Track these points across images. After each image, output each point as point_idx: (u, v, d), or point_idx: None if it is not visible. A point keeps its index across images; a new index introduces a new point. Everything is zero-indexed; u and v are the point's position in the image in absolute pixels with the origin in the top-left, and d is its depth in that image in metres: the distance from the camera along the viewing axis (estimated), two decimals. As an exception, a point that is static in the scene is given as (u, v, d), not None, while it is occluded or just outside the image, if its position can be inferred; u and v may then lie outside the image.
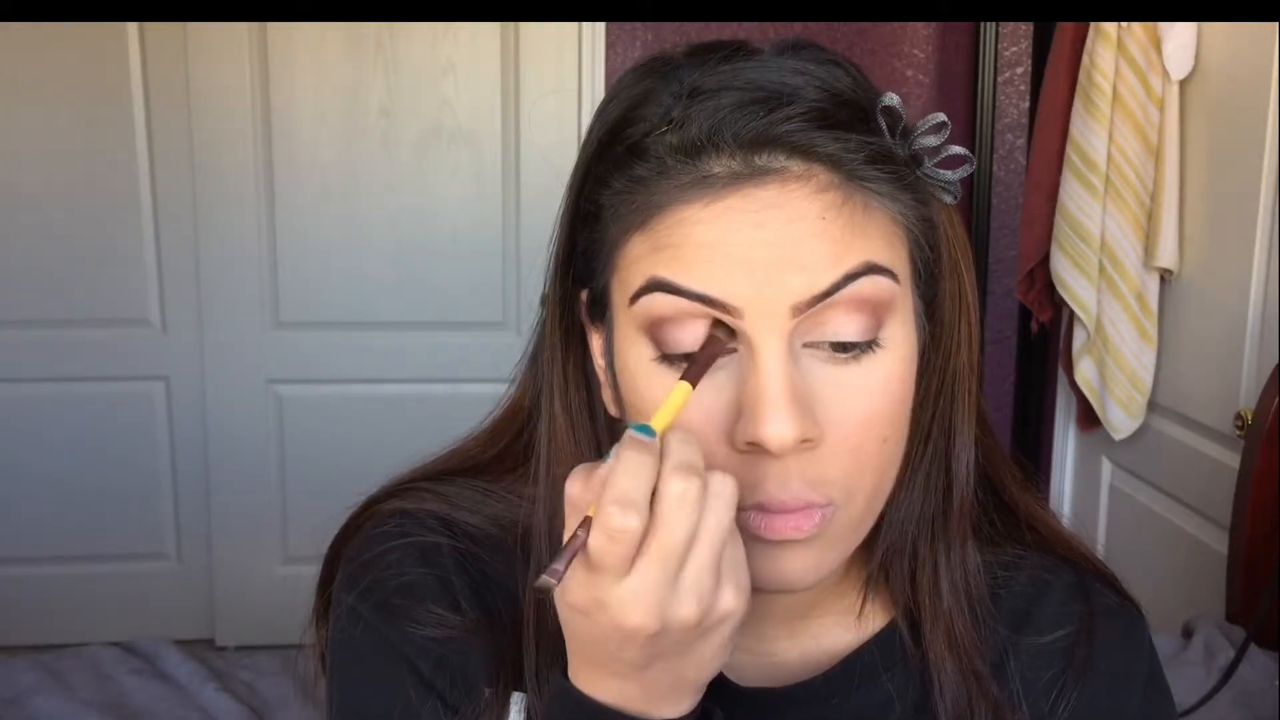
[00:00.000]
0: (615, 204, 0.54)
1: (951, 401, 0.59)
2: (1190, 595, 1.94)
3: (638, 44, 2.56)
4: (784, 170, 0.51)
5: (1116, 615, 0.65)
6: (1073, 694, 0.62)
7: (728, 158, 0.51)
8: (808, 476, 0.52)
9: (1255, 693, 1.43)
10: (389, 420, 2.62)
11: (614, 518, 0.46)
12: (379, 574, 0.63)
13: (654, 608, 0.47)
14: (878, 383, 0.53)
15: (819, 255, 0.51)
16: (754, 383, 0.51)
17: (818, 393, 0.52)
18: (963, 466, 0.60)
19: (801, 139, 0.51)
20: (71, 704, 1.31)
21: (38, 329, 2.61)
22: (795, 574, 0.54)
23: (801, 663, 0.64)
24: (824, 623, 0.64)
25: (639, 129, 0.54)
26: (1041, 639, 0.64)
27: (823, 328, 0.52)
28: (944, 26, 2.58)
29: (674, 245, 0.52)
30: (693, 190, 0.52)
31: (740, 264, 0.51)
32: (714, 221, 0.51)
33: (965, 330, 0.59)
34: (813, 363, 0.52)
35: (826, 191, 0.52)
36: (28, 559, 2.70)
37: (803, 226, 0.51)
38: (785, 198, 0.51)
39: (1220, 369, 1.91)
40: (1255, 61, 1.82)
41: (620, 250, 0.54)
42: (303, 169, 2.56)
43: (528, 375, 0.65)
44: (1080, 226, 2.07)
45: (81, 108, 2.53)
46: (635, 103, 0.55)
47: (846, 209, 0.52)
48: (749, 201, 0.51)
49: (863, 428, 0.53)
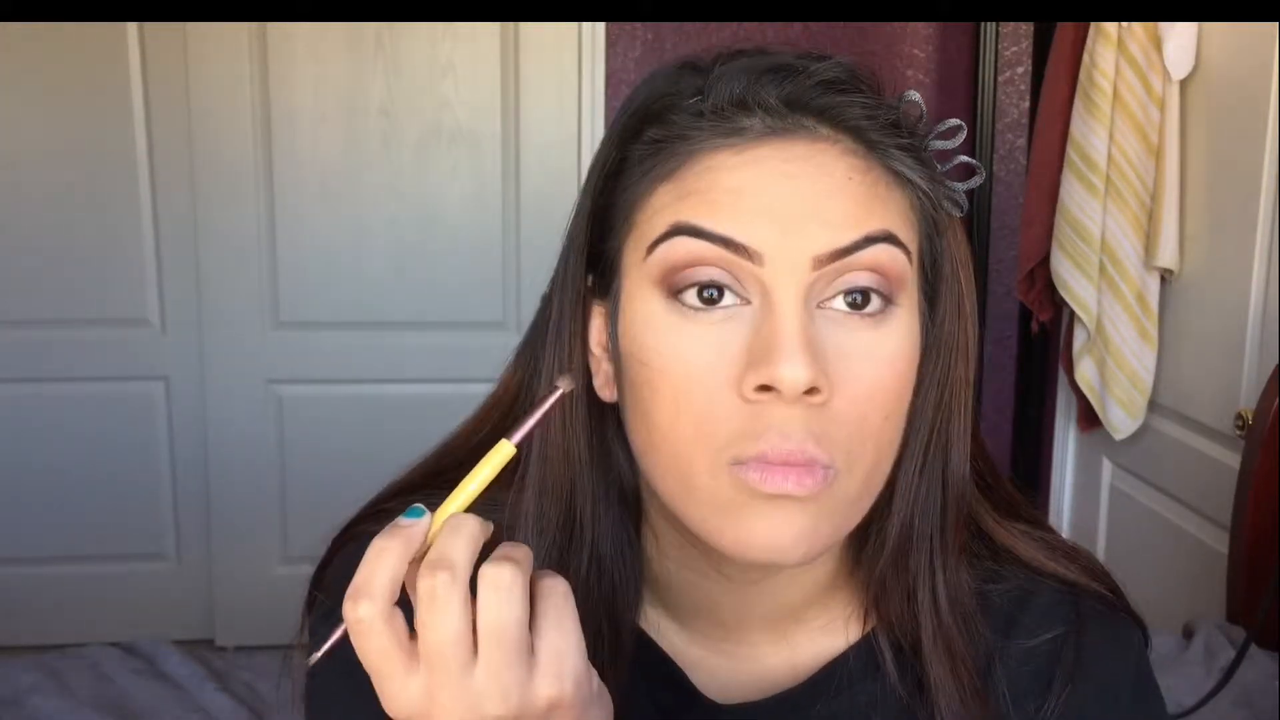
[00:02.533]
0: (642, 167, 0.55)
1: (949, 415, 0.59)
2: (1190, 595, 1.94)
3: (638, 44, 2.56)
4: (814, 130, 0.54)
5: (1104, 618, 0.65)
6: (1060, 697, 0.62)
7: (761, 114, 0.54)
8: (813, 430, 0.51)
9: (1256, 693, 1.43)
10: (389, 420, 2.62)
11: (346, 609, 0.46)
12: None
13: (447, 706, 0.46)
14: (885, 353, 0.54)
15: (843, 212, 0.52)
16: (769, 327, 0.51)
17: (829, 350, 0.52)
18: (959, 482, 0.60)
19: (829, 102, 0.54)
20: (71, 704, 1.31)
21: (38, 329, 2.61)
22: (788, 538, 0.52)
23: (787, 670, 0.63)
24: (809, 629, 0.63)
25: (670, 99, 0.56)
26: (1028, 642, 0.63)
27: (839, 283, 0.53)
28: (944, 26, 2.58)
29: (701, 191, 0.53)
30: (724, 139, 0.53)
31: (767, 211, 0.52)
32: (744, 168, 0.53)
33: (964, 343, 0.59)
34: (828, 324, 0.53)
35: (852, 156, 0.54)
36: (28, 559, 2.70)
37: (829, 183, 0.53)
38: (813, 152, 0.53)
39: (1220, 369, 1.91)
40: (1255, 61, 1.82)
41: (643, 202, 0.55)
42: (303, 169, 2.56)
43: (522, 358, 0.64)
44: (1080, 226, 2.07)
45: (81, 108, 2.52)
46: (665, 87, 0.57)
47: (870, 176, 0.54)
48: (779, 152, 0.53)
49: (868, 396, 0.53)
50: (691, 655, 0.63)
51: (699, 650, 0.63)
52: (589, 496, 0.59)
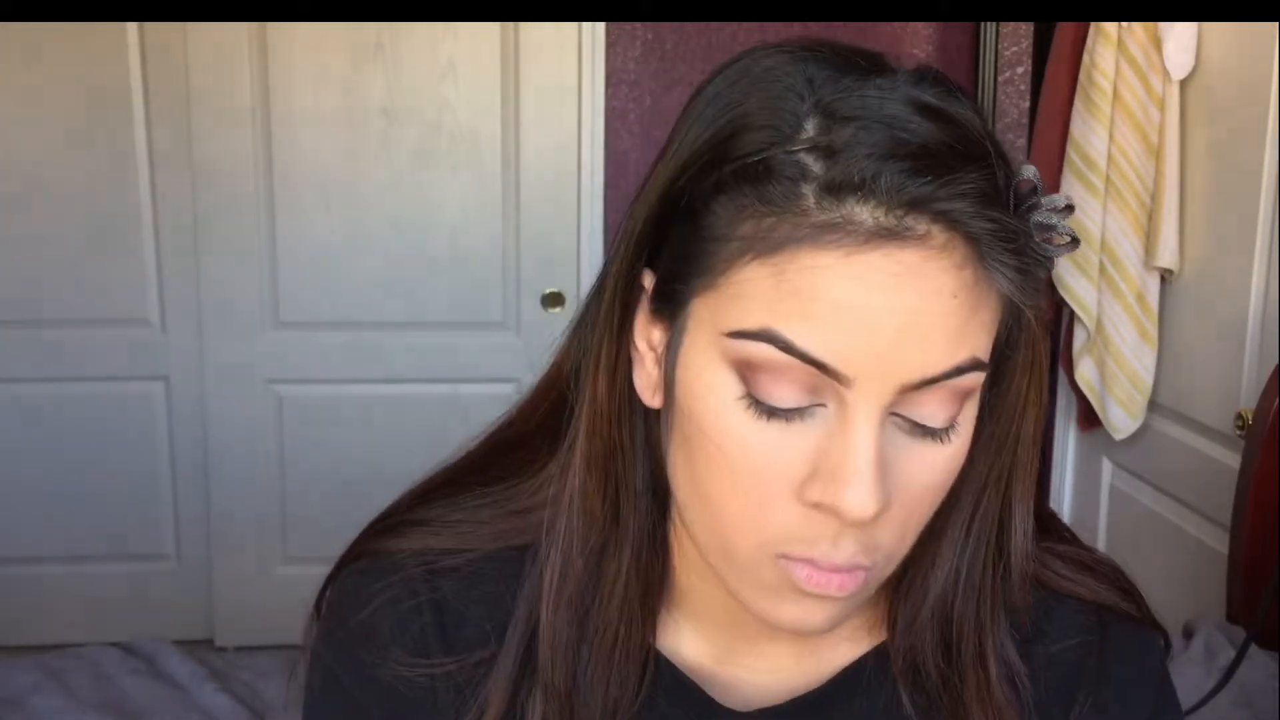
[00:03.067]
0: (732, 217, 0.49)
1: (1012, 468, 0.58)
2: (1190, 595, 1.94)
3: (638, 44, 2.56)
4: (927, 235, 0.47)
5: (1127, 625, 0.64)
6: (1085, 704, 0.62)
7: (875, 209, 0.47)
8: (863, 541, 0.51)
9: (1255, 693, 1.43)
10: (389, 420, 2.62)
11: None
12: (354, 636, 0.62)
13: None
14: (944, 461, 0.52)
15: (942, 338, 0.48)
16: (842, 446, 0.49)
17: (891, 464, 0.51)
18: (1019, 534, 0.59)
19: (959, 214, 0.47)
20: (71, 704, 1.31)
21: (38, 329, 2.61)
22: (819, 624, 0.54)
23: (806, 680, 0.63)
24: (830, 640, 0.63)
25: (765, 135, 0.49)
26: (1052, 648, 0.63)
27: (915, 407, 0.50)
28: (944, 26, 2.58)
29: (802, 295, 0.47)
30: (832, 236, 0.47)
31: (868, 330, 0.47)
32: (852, 278, 0.47)
33: (1034, 398, 0.57)
34: (895, 432, 0.51)
35: (964, 269, 0.48)
36: (28, 559, 2.70)
37: (937, 302, 0.48)
38: (927, 266, 0.47)
39: (1220, 369, 1.91)
40: (1255, 61, 1.82)
41: (730, 270, 0.49)
42: (303, 169, 2.56)
43: (571, 342, 0.61)
44: (1080, 226, 2.07)
45: (81, 108, 2.53)
46: (761, 100, 0.50)
47: (976, 290, 0.49)
48: (891, 262, 0.47)
49: (920, 500, 0.52)
50: (711, 664, 0.63)
51: (719, 659, 0.63)
52: (631, 493, 0.59)
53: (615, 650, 0.59)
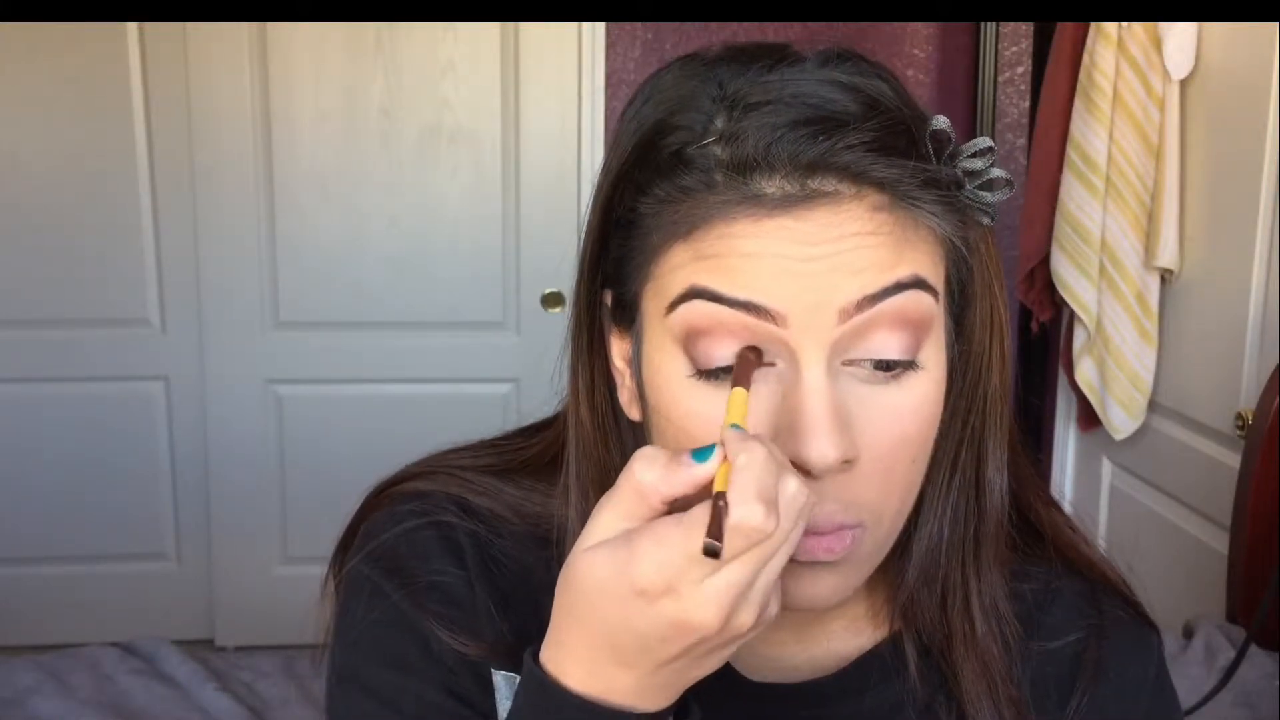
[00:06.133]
0: (656, 211, 0.52)
1: (983, 425, 0.59)
2: (1190, 595, 1.94)
3: (638, 44, 2.56)
4: (836, 193, 0.50)
5: (1127, 623, 0.65)
6: (1082, 699, 0.62)
7: (781, 179, 0.50)
8: (841, 498, 0.52)
9: (1255, 693, 1.43)
10: (389, 420, 2.62)
11: (754, 516, 0.44)
12: (397, 550, 0.62)
13: (726, 609, 0.45)
14: (912, 405, 0.53)
15: (871, 261, 0.50)
16: (796, 400, 0.50)
17: (854, 413, 0.51)
18: (995, 492, 0.59)
19: (858, 166, 0.50)
20: (71, 704, 1.31)
21: (38, 329, 2.61)
22: (821, 597, 0.54)
23: (809, 667, 0.63)
24: (831, 629, 0.64)
25: (680, 136, 0.52)
26: (1050, 644, 0.63)
27: (865, 344, 0.51)
28: (944, 26, 2.58)
29: (718, 255, 0.50)
30: (741, 208, 0.50)
31: (787, 272, 0.49)
32: (762, 237, 0.50)
33: (998, 352, 0.58)
34: (851, 382, 0.51)
35: (879, 211, 0.50)
36: (28, 559, 2.70)
37: (854, 240, 0.50)
38: (837, 219, 0.50)
39: (1220, 369, 1.91)
40: (1255, 61, 1.82)
41: (659, 259, 0.53)
42: (303, 169, 2.56)
43: None
44: (1080, 226, 2.07)
45: (81, 109, 2.53)
46: (675, 107, 0.53)
47: (898, 227, 0.51)
48: (800, 222, 0.50)
49: (895, 450, 0.53)
50: None
51: None
52: None
53: None
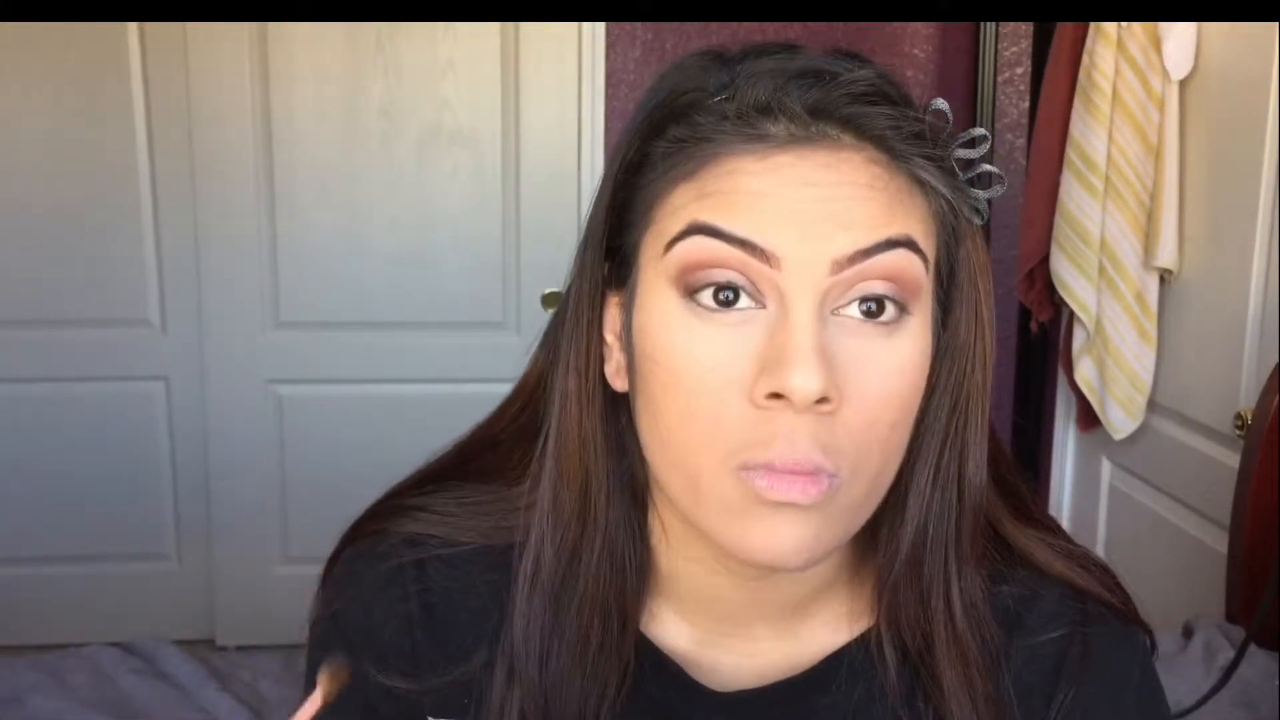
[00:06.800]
0: (667, 153, 0.55)
1: (964, 422, 0.59)
2: (1190, 595, 1.94)
3: (638, 44, 2.56)
4: (838, 139, 0.53)
5: (1112, 621, 0.65)
6: (1067, 697, 0.62)
7: (786, 120, 0.53)
8: (820, 440, 0.52)
9: (1255, 693, 1.43)
10: (389, 420, 2.62)
11: None
12: (342, 598, 0.66)
13: None
14: (897, 364, 0.54)
15: (865, 215, 0.52)
16: (783, 335, 0.51)
17: (841, 361, 0.52)
18: (976, 488, 0.60)
19: (856, 111, 0.53)
20: (71, 704, 1.31)
21: (38, 329, 2.61)
22: (790, 545, 0.53)
23: (788, 664, 0.63)
24: (812, 624, 0.64)
25: (694, 96, 0.55)
26: (1034, 640, 0.63)
27: (856, 289, 0.53)
28: (944, 26, 2.58)
29: (722, 192, 0.53)
30: (746, 145, 0.53)
31: (787, 216, 0.52)
32: (765, 174, 0.52)
33: (981, 350, 0.59)
34: (840, 331, 0.53)
35: (875, 165, 0.53)
36: (28, 559, 2.70)
37: (852, 189, 0.53)
38: (836, 161, 0.53)
39: (1220, 369, 1.91)
40: (1255, 61, 1.82)
41: (663, 200, 0.55)
42: (303, 169, 2.56)
43: (545, 345, 0.65)
44: (1080, 226, 2.07)
45: (81, 108, 2.53)
46: (691, 80, 0.56)
47: (893, 184, 0.54)
48: (802, 160, 0.53)
49: (877, 405, 0.53)
50: (693, 648, 0.64)
51: (701, 643, 0.64)
52: (602, 485, 0.60)
53: (590, 643, 0.60)
